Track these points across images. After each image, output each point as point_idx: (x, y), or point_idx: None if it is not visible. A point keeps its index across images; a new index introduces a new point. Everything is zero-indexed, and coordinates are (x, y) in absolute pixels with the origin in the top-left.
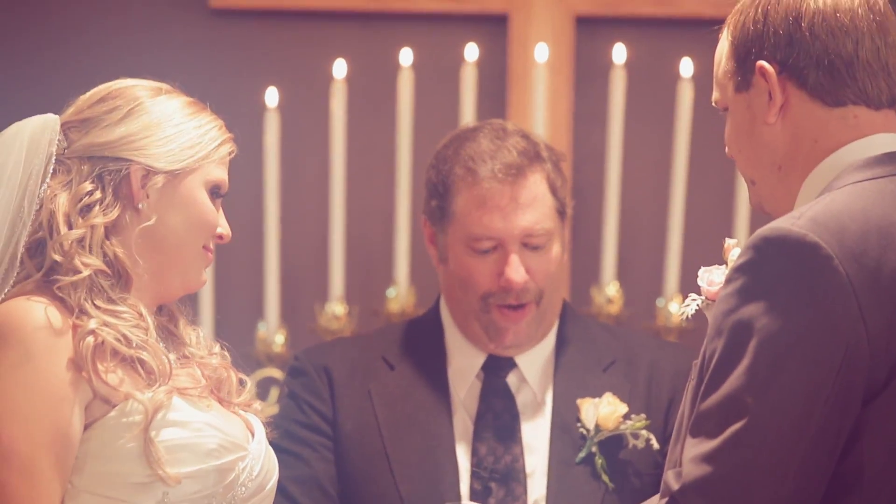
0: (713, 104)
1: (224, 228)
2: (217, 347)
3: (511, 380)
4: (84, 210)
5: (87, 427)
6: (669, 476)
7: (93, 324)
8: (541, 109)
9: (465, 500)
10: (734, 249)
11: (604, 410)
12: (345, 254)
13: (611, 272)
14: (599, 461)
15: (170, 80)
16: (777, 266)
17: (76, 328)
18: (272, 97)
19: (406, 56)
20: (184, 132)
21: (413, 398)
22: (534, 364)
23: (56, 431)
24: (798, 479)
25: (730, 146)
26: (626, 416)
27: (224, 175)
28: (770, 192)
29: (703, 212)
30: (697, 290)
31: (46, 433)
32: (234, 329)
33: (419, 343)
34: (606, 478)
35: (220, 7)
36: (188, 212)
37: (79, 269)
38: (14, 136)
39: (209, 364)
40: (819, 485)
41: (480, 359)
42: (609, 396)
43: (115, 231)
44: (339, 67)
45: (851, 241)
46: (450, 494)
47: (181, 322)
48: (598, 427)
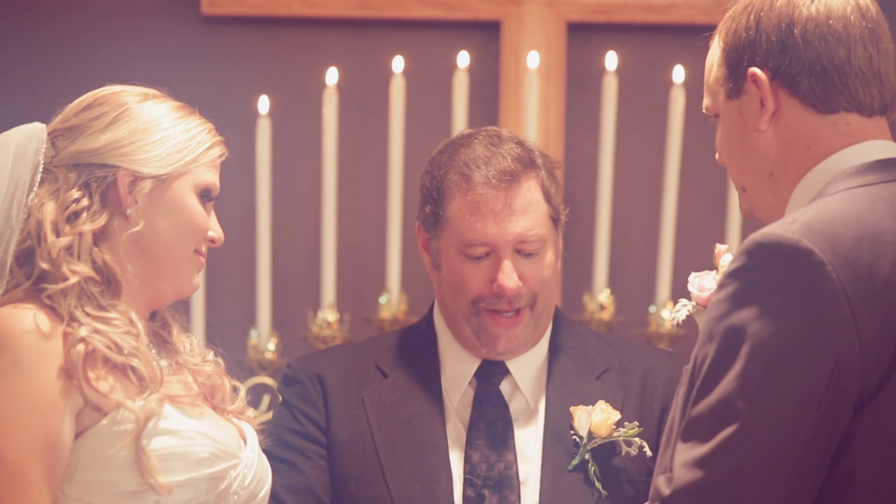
0: (704, 111)
1: (216, 232)
2: (211, 355)
3: (504, 387)
4: (71, 217)
5: (79, 435)
6: (660, 481)
7: (83, 331)
8: (533, 116)
9: None
10: (725, 255)
11: (597, 418)
12: (336, 261)
13: (603, 279)
14: (592, 468)
15: (162, 88)
16: (770, 271)
17: (66, 336)
18: (264, 104)
19: (398, 63)
20: (171, 137)
21: (406, 406)
22: (527, 371)
23: (46, 440)
24: (789, 485)
25: (721, 153)
26: (619, 424)
27: (214, 178)
28: (761, 199)
29: (695, 219)
30: (689, 297)
31: (36, 442)
32: (226, 336)
33: (412, 351)
34: (599, 485)
35: (213, 15)
36: (177, 216)
37: (67, 277)
38: (0, 147)
39: (203, 371)
40: (810, 490)
41: (473, 366)
42: (602, 404)
43: (104, 238)
44: (332, 75)
45: (844, 248)
46: (443, 502)
47: (175, 329)
48: (592, 434)
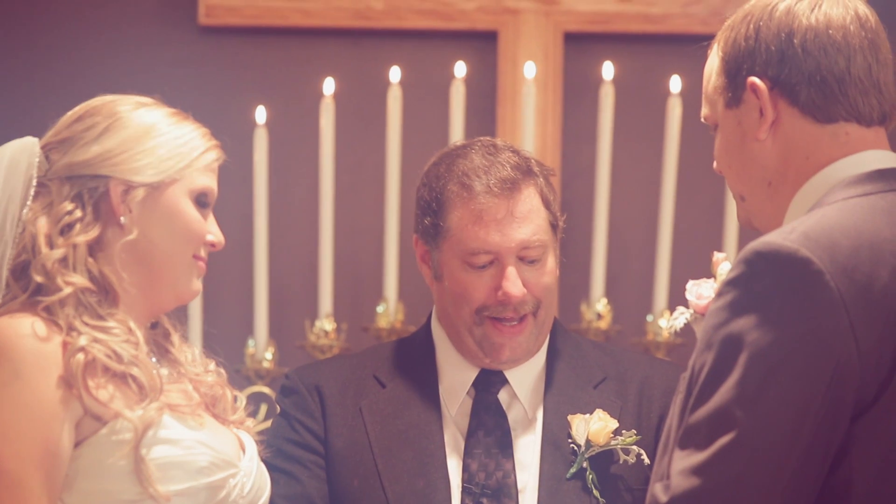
0: (702, 120)
1: (215, 236)
2: (213, 365)
3: (502, 396)
4: (65, 230)
5: (78, 444)
6: (657, 489)
7: (83, 340)
8: (530, 126)
9: None
10: (723, 263)
11: (594, 426)
12: (334, 270)
13: (600, 288)
14: (590, 476)
15: (160, 98)
16: (768, 280)
17: (66, 345)
18: (261, 114)
19: (395, 73)
20: (162, 144)
21: (404, 415)
22: (525, 380)
23: (46, 449)
24: (786, 493)
25: (719, 162)
26: (617, 432)
27: (210, 182)
28: (759, 208)
29: (692, 228)
30: (686, 305)
31: (36, 451)
32: (224, 346)
33: (410, 361)
34: (597, 493)
35: (210, 25)
36: (172, 223)
37: (62, 288)
38: None
39: (205, 382)
40: (807, 499)
41: (472, 375)
42: (600, 412)
43: (100, 248)
44: (329, 85)
45: (843, 257)
46: None
47: (176, 339)
48: (589, 442)
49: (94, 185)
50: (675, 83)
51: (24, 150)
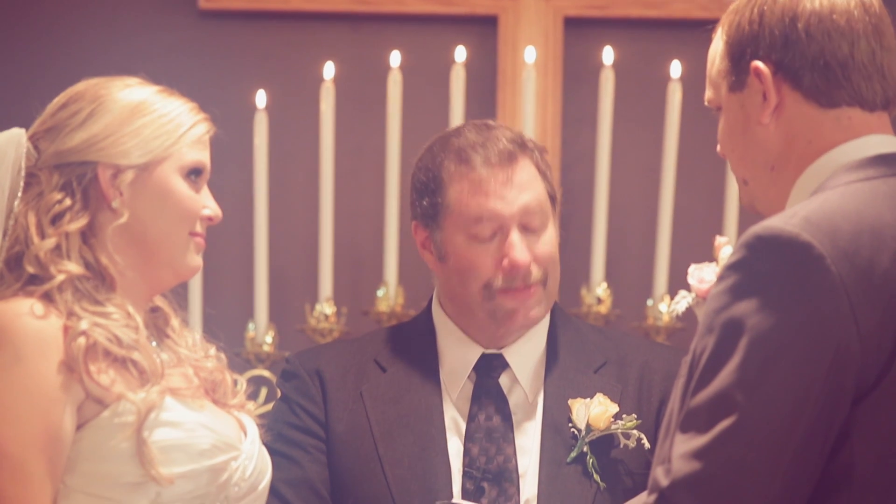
0: (706, 104)
1: (211, 210)
2: (213, 350)
3: (503, 380)
4: (55, 219)
5: (80, 427)
6: (658, 472)
7: (84, 324)
8: (530, 111)
9: (457, 498)
10: (725, 247)
11: (595, 410)
12: (334, 254)
13: (600, 273)
14: (591, 461)
15: (159, 83)
16: (769, 264)
17: (67, 329)
18: (261, 99)
19: (395, 58)
20: (148, 123)
21: (405, 400)
22: (526, 364)
23: (47, 432)
24: (787, 477)
25: (722, 145)
26: (618, 416)
27: (201, 156)
28: (763, 192)
29: (693, 212)
30: (687, 289)
31: (38, 434)
32: (224, 329)
33: (411, 345)
34: (598, 477)
35: (210, 9)
36: (164, 202)
37: (55, 276)
38: None
39: (205, 367)
40: (808, 483)
41: (473, 359)
42: (600, 397)
43: (93, 234)
44: (329, 69)
45: (844, 242)
46: (442, 495)
47: (176, 323)
48: (590, 427)
49: (83, 172)
50: (676, 68)
51: (12, 142)
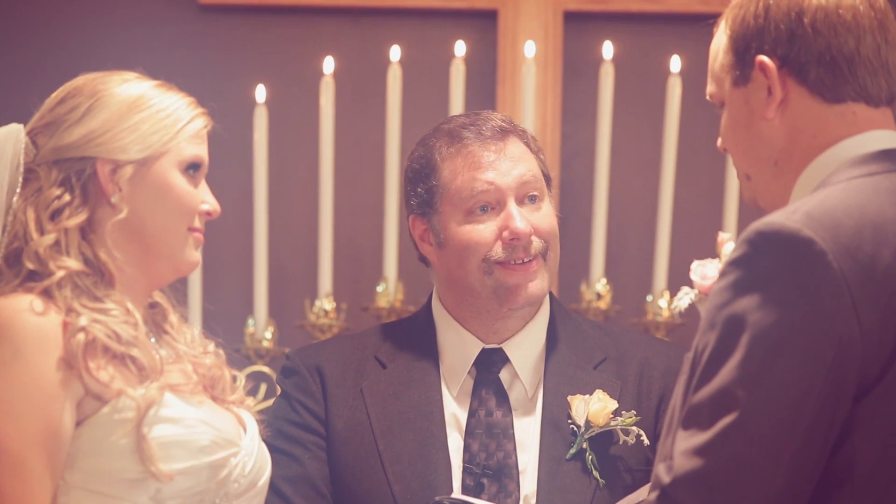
0: (707, 98)
1: (210, 204)
2: (211, 346)
3: (503, 376)
4: (54, 215)
5: (80, 424)
6: (660, 469)
7: (83, 321)
8: (530, 105)
9: (457, 494)
10: (727, 243)
11: (594, 407)
12: (333, 250)
13: (600, 268)
14: (590, 457)
15: (159, 77)
16: (771, 260)
17: (66, 326)
18: (261, 93)
19: (395, 52)
20: (146, 119)
21: (405, 396)
22: (525, 359)
23: (47, 428)
24: (789, 473)
25: (725, 140)
26: (617, 413)
27: (199, 150)
28: (765, 187)
29: (692, 208)
30: (686, 285)
31: (37, 430)
32: (223, 325)
33: (411, 342)
34: (597, 473)
35: (209, 4)
36: (163, 197)
37: (54, 273)
38: None
39: (203, 363)
40: (810, 479)
41: (473, 354)
42: (600, 393)
43: (92, 229)
44: (328, 64)
45: (846, 237)
46: (442, 491)
47: (175, 319)
48: (589, 423)
49: (82, 167)
50: (675, 63)
51: (10, 138)
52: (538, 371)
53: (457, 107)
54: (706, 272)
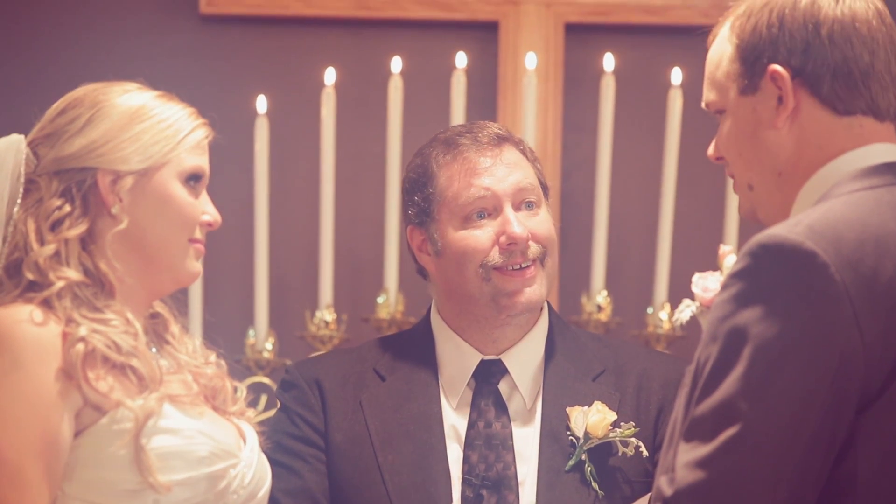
0: (704, 106)
1: (211, 215)
2: (213, 357)
3: (502, 387)
4: (55, 225)
5: (78, 434)
6: (662, 481)
7: (83, 331)
8: (531, 117)
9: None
10: (728, 256)
11: (593, 418)
12: (334, 261)
13: (600, 280)
14: (589, 469)
15: (160, 88)
16: (774, 273)
17: (66, 336)
18: (262, 104)
19: (396, 64)
20: (147, 130)
21: (404, 408)
22: (524, 370)
23: (45, 439)
24: (791, 486)
25: (725, 149)
26: (616, 424)
27: (200, 161)
28: (767, 198)
29: (693, 220)
30: (687, 298)
31: (35, 441)
32: (224, 336)
33: (410, 354)
34: (596, 485)
35: (211, 14)
36: (164, 208)
37: (54, 283)
38: None
39: (205, 374)
40: (812, 491)
41: (472, 366)
42: (598, 405)
43: (92, 240)
44: (330, 75)
45: (848, 250)
46: (442, 502)
47: (176, 330)
48: (588, 435)
49: (82, 178)
50: (676, 75)
51: (11, 148)
52: (537, 382)
53: (458, 118)
54: (707, 284)
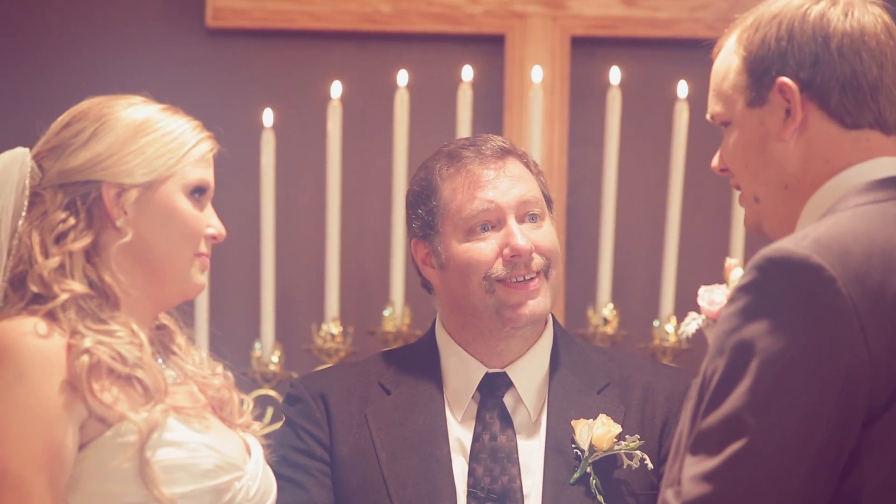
0: (709, 118)
1: (215, 228)
2: (220, 368)
3: (507, 400)
4: (59, 238)
5: (83, 446)
6: (668, 494)
7: (87, 342)
8: (537, 130)
9: None
10: (735, 269)
11: (598, 431)
12: (340, 274)
13: (606, 293)
14: (594, 481)
15: (165, 101)
16: (780, 287)
17: (70, 348)
18: (268, 117)
19: (402, 77)
20: (151, 143)
21: (409, 422)
22: (529, 383)
23: (49, 451)
24: (798, 499)
25: (732, 161)
26: (621, 437)
27: (205, 174)
28: (772, 211)
29: (699, 233)
30: (693, 311)
31: (40, 453)
32: (230, 348)
33: (415, 367)
34: (601, 498)
35: (217, 28)
36: (169, 221)
37: (58, 296)
38: None
39: (212, 385)
40: None
41: (476, 379)
42: (603, 417)
43: (97, 252)
44: (336, 88)
45: (855, 264)
46: None
47: (182, 341)
48: (593, 447)
49: (87, 191)
50: (682, 88)
51: (16, 161)
52: (542, 395)
53: (464, 131)
54: (713, 297)
